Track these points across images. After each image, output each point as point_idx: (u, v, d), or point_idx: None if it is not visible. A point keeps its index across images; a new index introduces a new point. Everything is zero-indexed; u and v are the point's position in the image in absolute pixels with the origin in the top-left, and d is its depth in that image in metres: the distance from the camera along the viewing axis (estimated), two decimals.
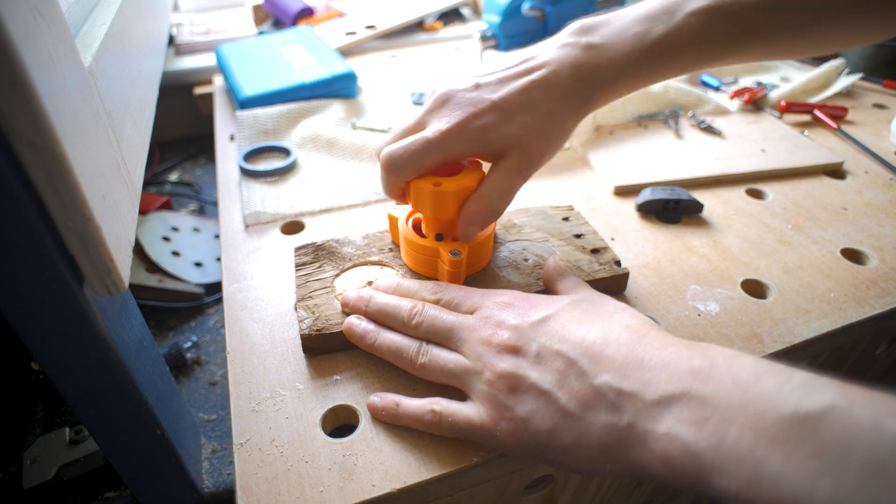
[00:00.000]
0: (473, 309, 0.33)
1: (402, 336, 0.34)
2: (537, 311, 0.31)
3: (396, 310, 0.34)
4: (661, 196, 0.49)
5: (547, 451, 0.27)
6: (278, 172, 0.55)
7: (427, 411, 0.30)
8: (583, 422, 0.26)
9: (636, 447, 0.25)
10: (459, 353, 0.31)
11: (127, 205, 0.31)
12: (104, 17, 0.39)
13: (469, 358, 0.31)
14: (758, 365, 0.24)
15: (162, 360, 0.38)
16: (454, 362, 0.31)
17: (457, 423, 0.30)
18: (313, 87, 0.67)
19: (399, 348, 0.33)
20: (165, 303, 0.63)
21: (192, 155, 0.92)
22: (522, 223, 0.44)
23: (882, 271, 0.43)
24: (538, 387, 0.28)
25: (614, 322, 0.30)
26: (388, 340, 0.34)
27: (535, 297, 0.33)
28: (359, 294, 0.36)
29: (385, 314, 0.34)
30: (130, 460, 0.34)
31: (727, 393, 0.23)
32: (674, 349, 0.26)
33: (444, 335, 0.32)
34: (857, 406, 0.20)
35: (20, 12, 0.21)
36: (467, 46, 0.91)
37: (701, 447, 0.23)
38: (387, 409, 0.32)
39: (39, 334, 0.26)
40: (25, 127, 0.21)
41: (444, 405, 0.30)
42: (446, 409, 0.30)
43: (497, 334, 0.30)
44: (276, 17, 1.01)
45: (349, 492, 0.29)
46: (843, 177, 0.55)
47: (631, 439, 0.25)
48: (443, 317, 0.33)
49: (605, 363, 0.27)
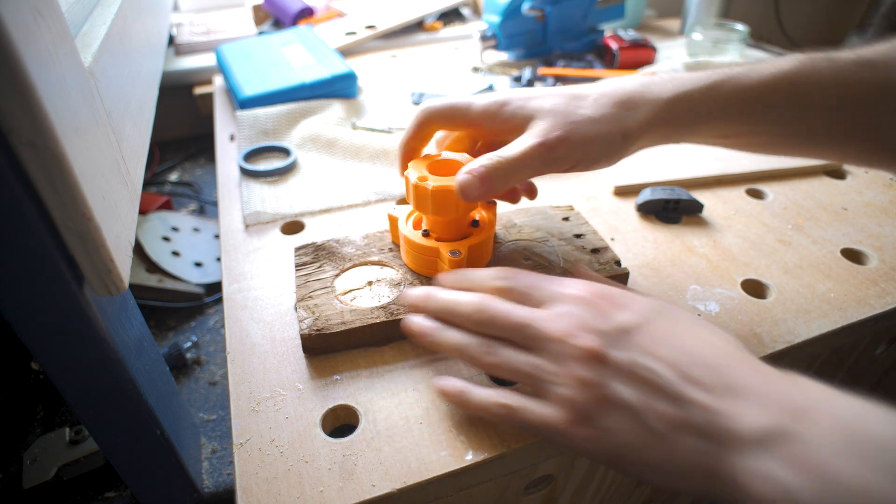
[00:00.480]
0: (543, 300, 0.31)
1: (466, 333, 0.31)
2: (620, 313, 0.29)
3: (460, 307, 0.32)
4: (661, 196, 0.49)
5: (625, 463, 0.27)
6: (278, 172, 0.55)
7: (500, 404, 0.29)
8: (668, 442, 0.25)
9: (724, 477, 0.24)
10: (532, 351, 0.29)
11: (127, 205, 0.31)
12: (104, 17, 0.39)
13: (545, 358, 0.29)
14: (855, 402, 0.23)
15: (162, 360, 0.38)
16: (526, 362, 0.29)
17: (530, 420, 0.28)
18: (313, 87, 0.67)
19: (464, 346, 0.31)
20: (165, 303, 0.63)
21: (192, 155, 0.92)
22: (522, 223, 0.44)
23: (882, 271, 0.43)
24: (625, 402, 0.26)
25: (702, 340, 0.28)
26: (451, 339, 0.31)
27: (612, 291, 0.31)
28: (420, 293, 0.34)
29: (448, 311, 0.32)
30: (130, 460, 0.34)
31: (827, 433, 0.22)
32: (763, 377, 0.25)
33: (514, 332, 0.30)
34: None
35: (20, 12, 0.21)
36: (467, 46, 0.91)
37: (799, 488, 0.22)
38: (458, 394, 0.31)
39: (39, 334, 0.26)
40: (25, 127, 0.21)
41: (517, 400, 0.29)
42: (521, 404, 0.29)
43: (578, 336, 0.28)
44: (276, 17, 1.01)
45: (349, 492, 0.29)
46: (843, 177, 0.55)
47: (718, 469, 0.24)
48: (511, 313, 0.30)
49: (695, 386, 0.26)
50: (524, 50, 0.83)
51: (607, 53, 0.80)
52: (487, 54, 0.85)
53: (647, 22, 1.03)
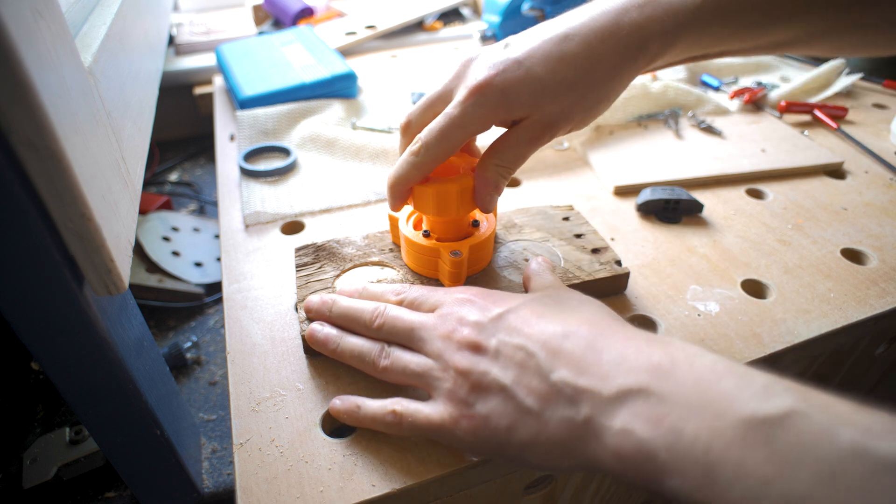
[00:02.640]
0: (435, 307, 0.32)
1: (365, 339, 0.33)
2: (497, 306, 0.30)
3: (359, 313, 0.33)
4: (661, 196, 0.49)
5: (507, 449, 0.27)
6: (278, 172, 0.55)
7: (388, 412, 0.30)
8: (541, 418, 0.26)
9: (592, 442, 0.25)
10: (422, 352, 0.31)
11: (127, 205, 0.31)
12: (104, 17, 0.39)
13: (431, 357, 0.30)
14: (719, 364, 0.24)
15: (162, 360, 0.38)
16: (416, 362, 0.30)
17: (417, 423, 0.29)
18: (313, 87, 0.67)
19: (361, 352, 0.32)
20: (165, 303, 0.63)
21: (192, 155, 0.92)
22: (523, 223, 0.44)
23: (882, 271, 0.43)
24: (498, 383, 0.27)
25: (575, 315, 0.29)
26: (350, 344, 0.33)
27: (496, 292, 0.32)
28: (322, 299, 0.35)
29: (347, 318, 0.34)
30: (130, 460, 0.34)
31: (686, 392, 0.23)
32: (634, 343, 0.26)
33: (405, 335, 0.31)
34: (815, 412, 0.20)
35: (20, 12, 0.21)
36: (467, 46, 0.91)
37: (655, 445, 0.22)
38: (349, 411, 0.31)
39: (39, 334, 0.26)
40: (25, 127, 0.21)
41: (405, 405, 0.30)
42: (407, 409, 0.29)
43: (458, 331, 0.29)
44: (276, 17, 1.01)
45: (349, 492, 0.29)
46: (843, 177, 0.55)
47: (587, 434, 0.25)
48: (403, 317, 0.32)
49: (563, 357, 0.26)
50: None
51: None
52: None
53: None
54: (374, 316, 0.33)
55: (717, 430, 0.21)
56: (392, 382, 0.32)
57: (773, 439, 0.20)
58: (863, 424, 0.20)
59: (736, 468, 0.20)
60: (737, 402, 0.22)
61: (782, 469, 0.20)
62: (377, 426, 0.30)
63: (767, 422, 0.21)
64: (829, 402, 0.21)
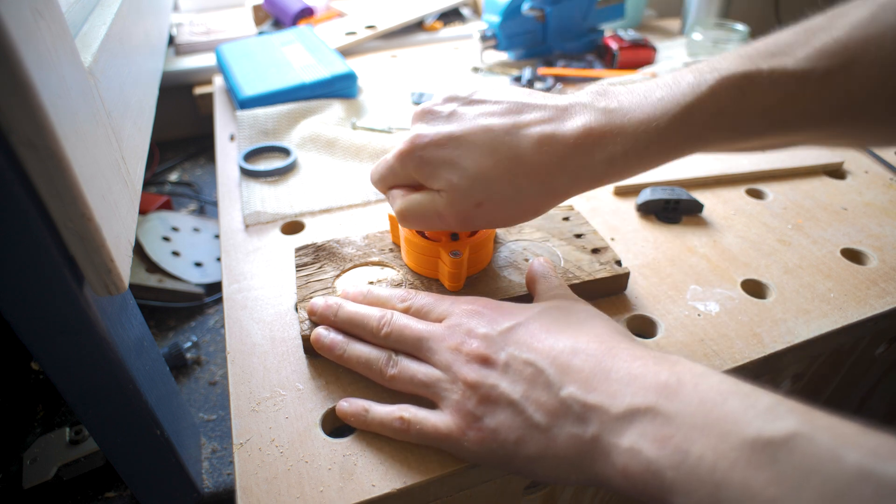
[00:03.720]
0: (443, 317, 0.32)
1: (372, 347, 0.33)
2: (507, 320, 0.31)
3: (365, 319, 0.33)
4: (661, 196, 0.49)
5: (514, 461, 0.27)
6: (278, 172, 0.55)
7: (396, 418, 0.30)
8: (549, 433, 0.26)
9: (600, 460, 0.25)
10: (429, 363, 0.31)
11: (127, 205, 0.31)
12: (104, 17, 0.39)
13: (439, 368, 0.30)
14: (724, 384, 0.24)
15: (162, 360, 0.38)
16: (423, 373, 0.31)
17: (424, 431, 0.29)
18: (313, 87, 0.67)
19: (368, 360, 0.33)
20: (165, 303, 0.63)
21: (192, 155, 0.92)
22: (523, 223, 0.44)
23: (882, 271, 0.43)
24: (507, 397, 0.28)
25: (584, 331, 0.29)
26: (356, 352, 0.33)
27: (505, 304, 0.32)
28: (326, 303, 0.35)
29: (353, 324, 0.34)
30: (130, 460, 0.34)
31: (692, 412, 0.23)
32: (642, 362, 0.26)
33: (413, 345, 0.32)
34: (819, 434, 0.20)
35: (20, 12, 0.21)
36: (467, 46, 0.91)
37: (662, 465, 0.23)
38: (356, 415, 0.31)
39: (39, 334, 0.26)
40: (25, 127, 0.21)
41: (413, 412, 0.30)
42: (415, 416, 0.30)
43: (466, 343, 0.30)
44: (276, 17, 1.01)
45: (349, 492, 0.29)
46: (843, 177, 0.55)
47: (595, 451, 0.25)
48: (412, 326, 0.32)
49: (572, 373, 0.27)
50: (524, 50, 0.83)
51: (607, 53, 0.80)
52: (487, 54, 0.85)
53: (647, 22, 1.03)
54: (382, 324, 0.33)
55: (721, 451, 0.21)
56: (398, 391, 0.32)
57: (777, 460, 0.20)
58: (868, 446, 0.20)
59: (741, 489, 0.20)
60: (741, 423, 0.22)
61: (787, 490, 0.20)
62: (384, 431, 0.31)
63: (772, 443, 0.21)
64: (834, 423, 0.21)
